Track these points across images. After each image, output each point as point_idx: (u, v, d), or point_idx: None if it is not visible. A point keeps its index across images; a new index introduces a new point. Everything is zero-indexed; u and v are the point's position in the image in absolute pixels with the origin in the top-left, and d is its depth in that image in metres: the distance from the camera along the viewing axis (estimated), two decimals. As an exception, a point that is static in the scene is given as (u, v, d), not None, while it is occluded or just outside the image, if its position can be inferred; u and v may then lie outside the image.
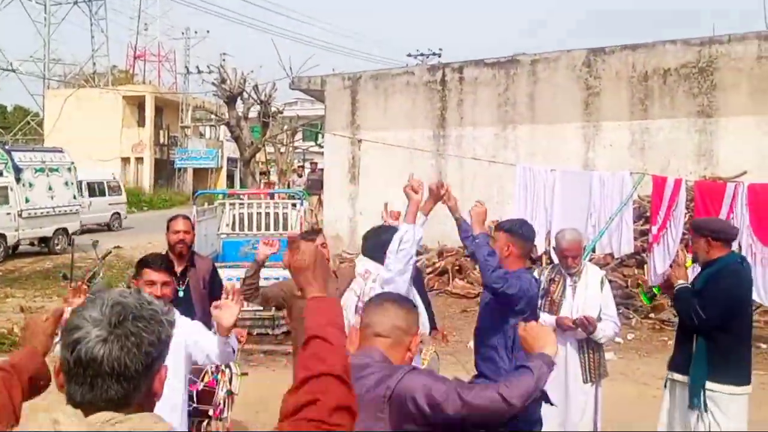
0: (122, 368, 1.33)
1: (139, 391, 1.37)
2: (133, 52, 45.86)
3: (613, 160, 12.59)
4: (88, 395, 1.34)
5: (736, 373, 4.03)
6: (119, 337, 1.34)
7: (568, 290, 4.63)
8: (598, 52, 13.27)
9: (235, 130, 17.94)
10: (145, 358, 1.36)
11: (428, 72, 14.80)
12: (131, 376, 1.34)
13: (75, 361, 1.34)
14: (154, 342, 1.38)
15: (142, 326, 1.37)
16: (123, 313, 1.36)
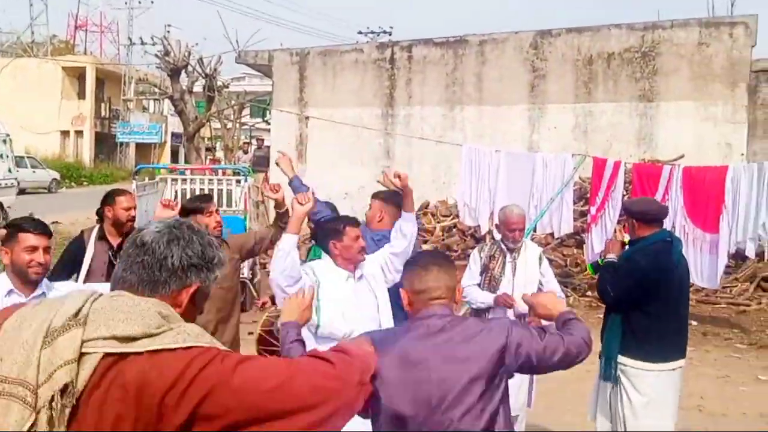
0: (162, 256, 1.53)
1: (167, 285, 1.54)
2: (74, 22, 44.37)
3: (557, 142, 12.78)
4: (125, 273, 1.54)
5: (650, 349, 4.04)
6: (171, 234, 1.56)
7: (508, 267, 4.71)
8: (545, 35, 13.40)
9: (178, 104, 17.56)
10: (186, 259, 1.55)
11: (377, 50, 14.72)
12: (167, 268, 1.53)
13: (130, 244, 1.58)
14: (198, 253, 1.57)
15: (194, 237, 1.58)
16: (183, 224, 1.62)
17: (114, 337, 1.39)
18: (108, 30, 44.81)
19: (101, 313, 1.43)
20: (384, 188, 4.35)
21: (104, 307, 1.44)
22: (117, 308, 1.44)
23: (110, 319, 1.41)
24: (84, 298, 1.47)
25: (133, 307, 1.45)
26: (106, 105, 38.31)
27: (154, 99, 38.16)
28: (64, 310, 1.44)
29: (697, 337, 8.47)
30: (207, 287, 1.61)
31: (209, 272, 1.59)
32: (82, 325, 1.41)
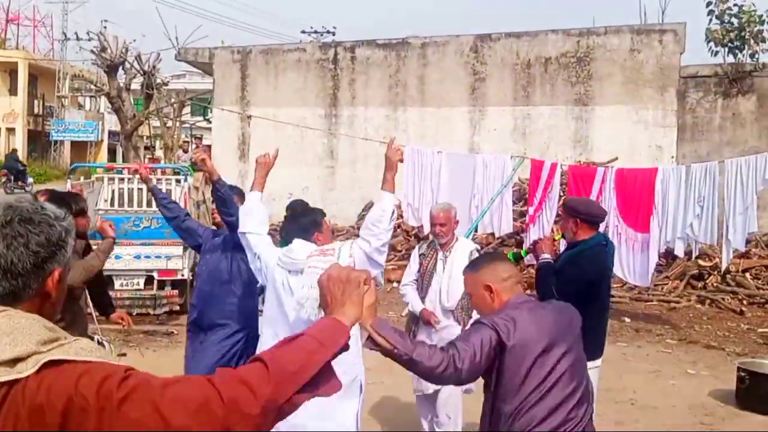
0: (9, 265, 1.40)
1: (29, 288, 1.43)
2: (6, 15, 42.90)
3: (497, 144, 13.05)
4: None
5: (587, 348, 4.22)
6: (6, 236, 1.41)
7: (439, 264, 4.88)
8: (485, 39, 13.66)
9: (116, 102, 17.21)
10: (34, 257, 1.42)
11: (320, 50, 14.74)
12: (19, 273, 1.41)
13: None
14: (43, 243, 1.43)
15: (30, 227, 1.43)
16: (11, 215, 1.43)
17: (2, 362, 1.30)
18: (41, 24, 43.55)
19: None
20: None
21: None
22: (5, 332, 1.34)
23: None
24: None
25: (15, 327, 1.35)
26: (39, 102, 37.15)
27: (91, 96, 37.20)
28: None
29: (631, 333, 8.80)
30: (67, 262, 1.51)
31: (63, 251, 1.49)
32: None
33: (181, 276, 9.16)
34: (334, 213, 13.56)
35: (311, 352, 1.47)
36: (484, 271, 2.85)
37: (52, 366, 1.31)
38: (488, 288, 2.78)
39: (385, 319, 2.60)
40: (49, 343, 1.34)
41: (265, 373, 1.40)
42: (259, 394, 1.37)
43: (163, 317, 9.03)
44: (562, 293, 3.99)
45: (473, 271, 2.92)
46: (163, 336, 8.26)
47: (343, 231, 12.76)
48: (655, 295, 10.47)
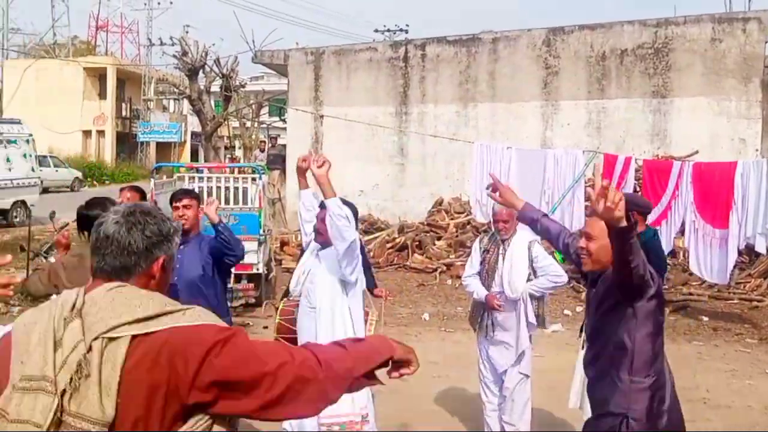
0: (126, 243, 1.72)
1: (139, 266, 1.74)
2: (95, 23, 44.95)
3: (570, 138, 12.84)
4: (100, 263, 1.73)
5: None
6: (128, 221, 1.74)
7: (500, 257, 4.90)
8: (558, 32, 13.45)
9: (196, 104, 17.80)
10: (146, 240, 1.74)
11: (391, 48, 14.84)
12: (133, 252, 1.73)
13: (96, 238, 1.75)
14: (156, 231, 1.76)
15: (148, 218, 1.77)
16: (135, 208, 1.79)
17: (136, 320, 1.60)
18: (128, 31, 45.41)
19: (111, 303, 1.63)
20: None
21: (115, 298, 1.64)
22: (131, 296, 1.66)
23: (128, 305, 1.62)
24: (73, 295, 1.68)
25: (142, 295, 1.67)
26: (126, 105, 38.76)
27: (174, 99, 38.57)
28: (60, 311, 1.65)
29: (708, 332, 8.52)
30: (172, 254, 1.82)
31: (170, 243, 1.80)
32: (79, 317, 1.62)
33: (256, 270, 9.48)
34: (404, 210, 13.69)
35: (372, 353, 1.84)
36: None
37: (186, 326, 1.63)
38: None
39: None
40: (173, 305, 1.67)
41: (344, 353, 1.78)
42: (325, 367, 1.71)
43: (239, 309, 9.33)
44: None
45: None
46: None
47: (413, 227, 12.81)
48: (736, 293, 10.08)
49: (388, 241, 12.61)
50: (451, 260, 11.60)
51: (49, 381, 1.57)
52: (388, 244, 12.54)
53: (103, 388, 1.55)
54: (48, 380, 1.57)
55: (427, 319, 9.11)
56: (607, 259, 2.96)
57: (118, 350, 1.57)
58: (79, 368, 1.57)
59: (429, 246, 12.14)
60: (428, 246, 12.16)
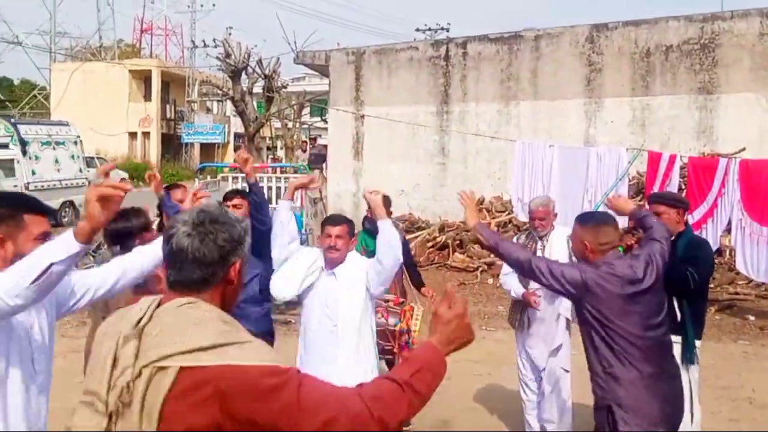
0: (201, 255, 1.72)
1: (216, 276, 1.75)
2: (140, 26, 45.83)
3: (614, 136, 12.68)
4: (178, 276, 1.74)
5: (701, 328, 4.47)
6: (200, 233, 1.74)
7: (538, 254, 4.87)
8: (601, 28, 13.29)
9: (239, 105, 18.01)
10: (220, 250, 1.74)
11: (432, 47, 14.84)
12: (209, 263, 1.73)
13: (169, 251, 1.75)
14: (228, 238, 1.76)
15: (218, 226, 1.76)
16: (203, 217, 1.76)
17: (187, 350, 1.58)
18: (172, 33, 46.17)
19: (170, 326, 1.63)
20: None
21: (175, 321, 1.65)
22: (185, 322, 1.64)
23: (182, 333, 1.61)
24: (146, 306, 1.72)
25: (199, 321, 1.65)
26: (171, 107, 39.45)
27: (217, 100, 39.11)
28: (127, 323, 1.68)
29: (754, 331, 8.36)
30: (245, 255, 1.83)
31: (242, 246, 1.81)
32: (137, 338, 1.64)
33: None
34: (445, 209, 13.67)
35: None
36: (587, 230, 3.40)
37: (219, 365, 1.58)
38: (584, 245, 3.38)
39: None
40: (225, 335, 1.62)
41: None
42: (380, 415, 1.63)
43: (282, 307, 9.42)
44: (700, 278, 4.31)
45: (580, 225, 3.45)
46: (281, 324, 8.63)
47: (454, 226, 12.80)
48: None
49: (429, 240, 12.62)
50: (492, 259, 11.55)
51: (102, 400, 1.61)
52: (429, 243, 12.55)
53: (144, 416, 1.56)
54: (100, 399, 1.62)
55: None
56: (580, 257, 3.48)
57: (164, 380, 1.56)
58: (122, 393, 1.59)
59: (470, 245, 12.12)
60: (469, 245, 12.14)
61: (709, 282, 4.62)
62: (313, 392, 1.62)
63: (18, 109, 39.64)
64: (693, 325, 4.40)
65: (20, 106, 40.97)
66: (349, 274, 4.00)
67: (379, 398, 1.66)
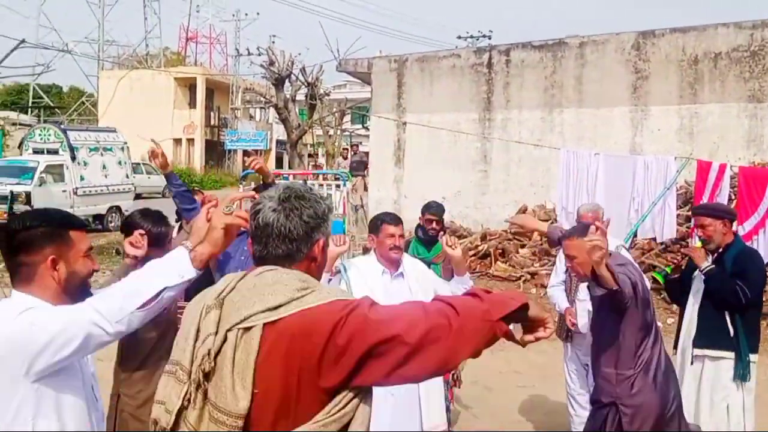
0: (287, 231, 1.76)
1: (300, 252, 1.78)
2: (185, 34, 46.62)
3: (661, 144, 12.45)
4: (263, 252, 1.78)
5: (756, 341, 4.37)
6: (285, 208, 1.77)
7: None
8: (648, 35, 13.08)
9: (282, 112, 18.22)
10: (305, 225, 1.78)
11: (474, 54, 14.78)
12: (293, 239, 1.77)
13: (256, 226, 1.79)
14: (312, 215, 1.79)
15: (303, 202, 1.79)
16: (289, 193, 1.80)
17: (267, 309, 1.62)
18: (217, 41, 46.92)
19: (251, 290, 1.68)
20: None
21: (254, 285, 1.69)
22: (264, 284, 1.68)
23: (261, 294, 1.65)
24: (229, 280, 1.75)
25: (276, 281, 1.69)
26: (215, 114, 40.00)
27: (260, 107, 39.57)
28: (210, 295, 1.73)
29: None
30: (329, 233, 1.86)
31: (326, 223, 1.83)
32: (219, 307, 1.68)
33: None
34: (486, 217, 13.57)
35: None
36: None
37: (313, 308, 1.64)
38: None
39: None
40: (302, 290, 1.67)
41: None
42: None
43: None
44: (751, 292, 4.27)
45: (582, 237, 3.51)
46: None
47: (496, 235, 12.69)
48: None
49: (471, 249, 12.52)
50: (536, 269, 11.43)
51: (184, 370, 1.65)
52: (471, 252, 12.45)
53: (237, 379, 1.58)
54: (183, 369, 1.66)
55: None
56: (585, 271, 3.49)
57: (252, 340, 1.60)
58: (202, 361, 1.62)
59: (512, 254, 12.00)
60: (511, 254, 12.02)
61: (762, 293, 4.43)
62: (393, 306, 1.71)
63: (66, 116, 40.57)
64: (746, 339, 4.30)
65: (69, 113, 41.94)
66: (413, 273, 3.93)
67: (457, 297, 1.74)
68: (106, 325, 1.97)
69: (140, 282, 2.03)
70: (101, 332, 1.98)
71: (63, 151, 18.15)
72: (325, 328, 1.59)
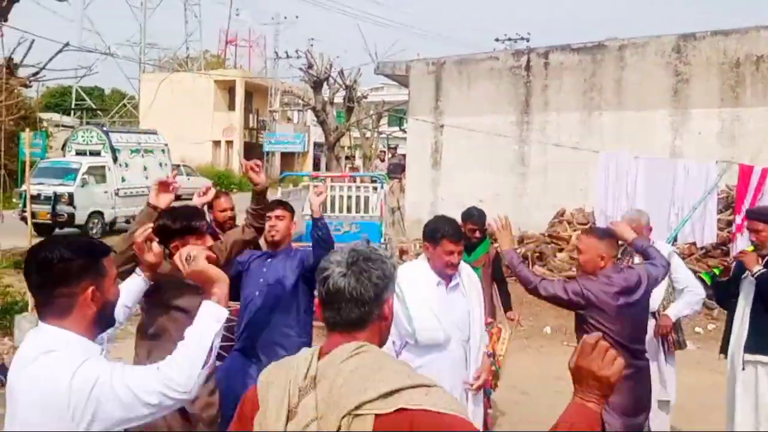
0: (358, 295, 1.76)
1: (372, 314, 1.79)
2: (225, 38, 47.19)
3: (702, 148, 12.28)
4: (336, 317, 1.77)
5: None
6: (355, 272, 1.77)
7: None
8: (689, 38, 12.92)
9: (320, 115, 18.38)
10: (375, 288, 1.78)
11: (513, 57, 14.74)
12: (365, 302, 1.77)
13: (326, 292, 1.78)
14: (381, 276, 1.79)
15: (371, 264, 1.78)
16: (356, 256, 1.80)
17: (380, 396, 1.60)
18: (256, 45, 47.36)
19: (354, 374, 1.65)
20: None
21: (356, 367, 1.67)
22: (368, 368, 1.66)
23: (369, 380, 1.63)
24: (309, 357, 1.75)
25: (380, 365, 1.68)
26: (254, 116, 40.42)
27: (298, 110, 39.90)
28: (295, 375, 1.72)
29: None
30: (394, 291, 1.87)
31: (393, 282, 1.84)
32: (313, 389, 1.67)
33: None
34: (524, 220, 13.50)
35: None
36: (607, 243, 3.80)
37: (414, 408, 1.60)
38: (602, 257, 3.73)
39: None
40: (412, 379, 1.65)
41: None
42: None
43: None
44: None
45: (599, 238, 3.82)
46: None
47: (533, 238, 12.64)
48: None
49: (508, 252, 12.48)
50: (573, 273, 11.35)
51: None
52: (508, 255, 12.41)
53: None
54: None
55: (549, 332, 8.98)
56: (592, 268, 3.76)
57: (364, 429, 1.59)
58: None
59: (550, 258, 11.94)
60: (549, 258, 11.96)
61: None
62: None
63: (108, 118, 41.38)
64: None
65: (110, 115, 42.77)
66: (468, 284, 3.81)
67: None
68: (183, 395, 2.01)
69: (194, 343, 2.07)
70: (170, 403, 2.01)
71: (105, 152, 18.53)
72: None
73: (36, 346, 1.97)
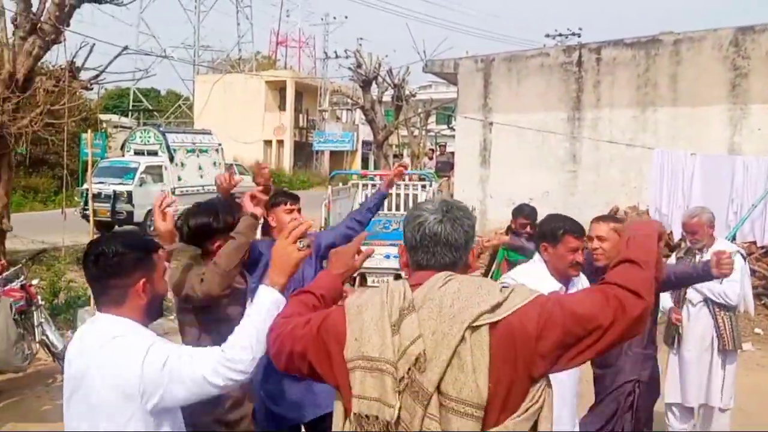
0: (453, 240, 1.87)
1: (461, 259, 1.89)
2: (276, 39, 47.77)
3: (762, 144, 11.90)
4: (431, 261, 1.87)
5: None
6: (449, 219, 1.88)
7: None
8: (747, 31, 12.53)
9: (369, 114, 18.42)
10: (465, 235, 1.89)
11: (564, 53, 14.53)
12: (458, 247, 1.88)
13: (421, 237, 1.88)
14: (470, 225, 1.91)
15: (462, 213, 1.91)
16: (449, 205, 1.92)
17: (491, 308, 1.73)
18: (306, 45, 47.83)
19: (461, 293, 1.77)
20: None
21: (459, 289, 1.77)
22: (470, 287, 1.78)
23: (477, 296, 1.76)
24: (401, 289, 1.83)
25: (480, 285, 1.81)
26: (303, 116, 40.81)
27: (347, 109, 40.10)
28: (391, 299, 1.82)
29: None
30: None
31: (475, 233, 1.95)
32: (415, 311, 1.76)
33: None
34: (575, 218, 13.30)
35: None
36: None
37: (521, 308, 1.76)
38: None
39: None
40: (505, 291, 1.79)
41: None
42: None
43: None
44: None
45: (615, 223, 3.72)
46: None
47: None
48: None
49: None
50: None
51: (392, 364, 1.73)
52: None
53: (477, 374, 1.69)
54: (391, 363, 1.73)
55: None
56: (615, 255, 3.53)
57: (482, 337, 1.71)
58: (420, 358, 1.71)
59: (602, 256, 11.73)
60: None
61: None
62: (573, 297, 1.87)
63: (164, 119, 42.27)
64: None
65: (166, 116, 43.69)
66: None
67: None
68: (237, 377, 2.07)
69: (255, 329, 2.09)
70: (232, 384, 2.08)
71: (162, 152, 18.93)
72: (534, 322, 1.72)
73: (99, 333, 2.13)
